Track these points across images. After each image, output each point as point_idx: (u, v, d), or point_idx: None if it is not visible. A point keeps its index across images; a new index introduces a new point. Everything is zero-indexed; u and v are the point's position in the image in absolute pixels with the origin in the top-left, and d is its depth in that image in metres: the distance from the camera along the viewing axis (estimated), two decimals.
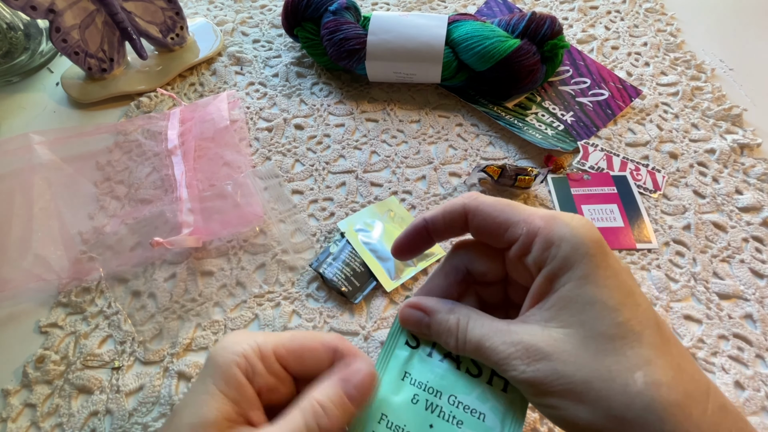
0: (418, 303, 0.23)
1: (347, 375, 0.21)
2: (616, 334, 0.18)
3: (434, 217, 0.23)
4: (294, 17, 0.47)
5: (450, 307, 0.22)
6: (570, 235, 0.19)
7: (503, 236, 0.21)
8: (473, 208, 0.22)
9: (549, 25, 0.42)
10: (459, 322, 0.21)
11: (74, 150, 0.42)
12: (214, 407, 0.19)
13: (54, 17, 0.40)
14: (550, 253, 0.20)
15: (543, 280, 0.20)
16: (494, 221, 0.22)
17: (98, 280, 0.35)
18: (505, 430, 0.20)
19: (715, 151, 0.42)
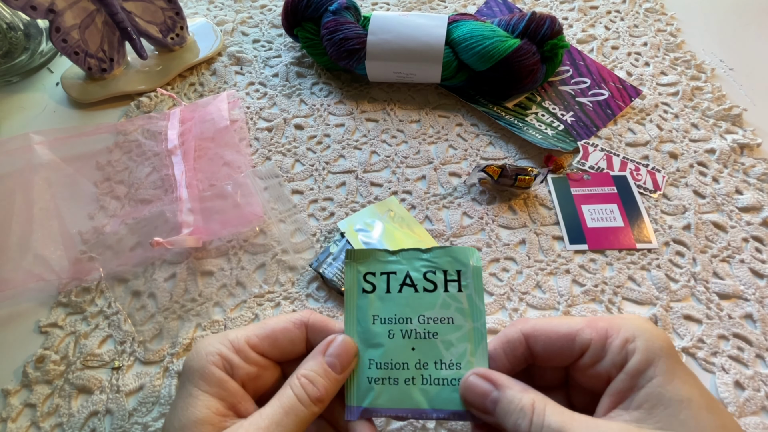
0: (488, 374, 0.22)
1: (324, 347, 0.22)
2: (711, 428, 0.18)
3: (494, 352, 0.23)
4: (294, 17, 0.47)
5: (524, 387, 0.21)
6: (641, 330, 0.20)
7: (573, 348, 0.21)
8: (530, 330, 0.22)
9: (549, 25, 0.42)
10: (535, 403, 0.20)
11: (74, 150, 0.42)
12: (201, 406, 0.20)
13: (54, 17, 0.40)
14: (628, 350, 0.20)
15: (626, 377, 0.20)
16: (557, 334, 0.21)
17: (98, 280, 0.35)
18: (473, 320, 0.23)
19: (715, 151, 0.42)
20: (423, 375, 0.22)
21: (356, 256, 0.25)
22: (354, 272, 0.24)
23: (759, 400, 0.29)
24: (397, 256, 0.24)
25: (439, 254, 0.24)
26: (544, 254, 0.36)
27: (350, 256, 0.25)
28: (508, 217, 0.38)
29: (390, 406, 0.22)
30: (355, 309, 0.24)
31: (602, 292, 0.34)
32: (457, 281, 0.23)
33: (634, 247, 0.36)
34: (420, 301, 0.23)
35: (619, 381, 0.20)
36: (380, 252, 0.25)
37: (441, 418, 0.22)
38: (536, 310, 0.33)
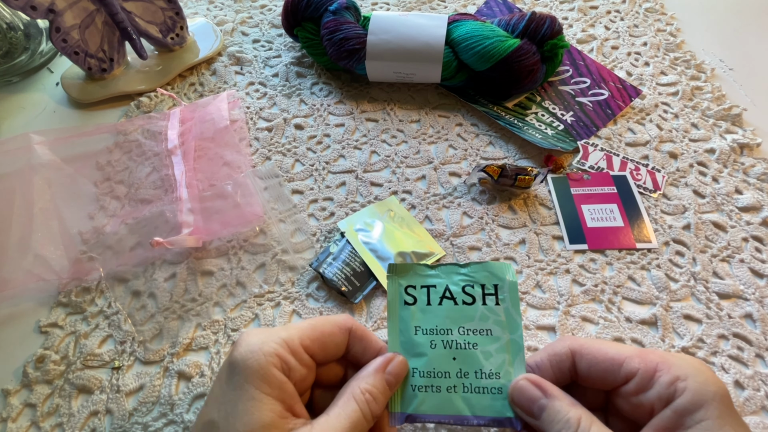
0: (539, 381, 0.22)
1: (384, 364, 0.23)
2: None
3: (540, 362, 0.23)
4: (294, 17, 0.47)
5: (573, 401, 0.22)
6: (696, 372, 0.20)
7: (618, 373, 0.21)
8: (578, 347, 0.23)
9: (549, 24, 0.42)
10: (582, 419, 0.20)
11: (74, 150, 0.42)
12: (266, 410, 0.20)
13: (54, 17, 0.40)
14: (679, 387, 0.20)
15: (672, 414, 0.20)
16: (605, 356, 0.22)
17: (98, 280, 0.35)
18: (510, 332, 0.24)
19: (714, 151, 0.42)
20: (464, 383, 0.24)
21: (398, 270, 0.26)
22: (396, 285, 0.26)
23: (759, 399, 0.29)
24: (436, 270, 0.26)
25: (476, 269, 0.26)
26: (544, 254, 0.36)
27: (392, 270, 0.26)
28: (508, 217, 0.38)
29: (433, 412, 0.23)
30: (398, 320, 0.25)
31: (602, 291, 0.34)
32: (494, 295, 0.25)
33: (634, 246, 0.36)
34: (459, 313, 0.25)
35: (665, 417, 0.20)
36: (420, 266, 0.26)
37: (481, 424, 0.23)
38: (536, 310, 0.33)
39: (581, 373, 0.23)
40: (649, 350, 0.22)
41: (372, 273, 0.34)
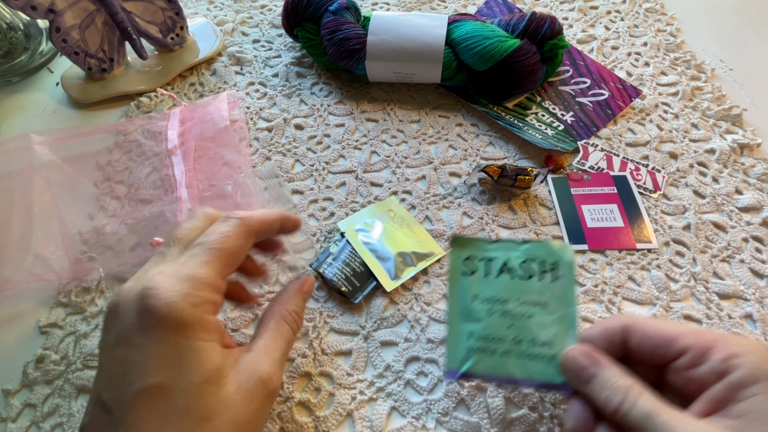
0: (592, 352, 0.23)
1: (300, 285, 0.27)
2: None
3: (591, 335, 0.24)
4: (294, 17, 0.47)
5: (624, 371, 0.22)
6: (754, 350, 0.20)
7: (671, 348, 0.22)
8: (632, 324, 0.23)
9: (549, 25, 0.42)
10: (632, 387, 0.21)
11: (74, 150, 0.42)
12: (214, 355, 0.21)
13: (54, 17, 0.40)
14: (733, 363, 0.20)
15: (725, 387, 0.20)
16: (659, 335, 0.23)
17: (98, 280, 0.35)
18: (564, 307, 0.26)
19: (715, 151, 0.42)
20: (518, 349, 0.26)
21: (460, 242, 0.29)
22: (457, 256, 0.28)
23: None
24: (495, 244, 0.28)
25: (536, 247, 0.28)
26: None
27: (456, 242, 0.29)
28: (508, 217, 0.38)
29: (486, 372, 0.26)
30: (457, 288, 0.28)
31: (602, 292, 0.34)
32: (551, 272, 0.27)
33: (634, 247, 0.36)
34: (517, 286, 0.27)
35: (717, 389, 0.20)
36: (481, 240, 0.29)
37: (531, 386, 0.25)
38: None
39: (633, 348, 0.23)
40: (705, 329, 0.22)
41: (372, 273, 0.34)
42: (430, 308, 0.33)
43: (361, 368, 0.31)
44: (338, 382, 0.30)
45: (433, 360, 0.31)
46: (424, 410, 0.29)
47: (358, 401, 0.29)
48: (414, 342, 0.32)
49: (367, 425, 0.29)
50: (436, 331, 0.32)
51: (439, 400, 0.29)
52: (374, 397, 0.30)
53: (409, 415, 0.29)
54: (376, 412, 0.29)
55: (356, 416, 0.29)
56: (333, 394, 0.30)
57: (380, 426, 0.29)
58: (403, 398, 0.30)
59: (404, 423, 0.29)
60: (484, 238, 0.29)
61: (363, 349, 0.32)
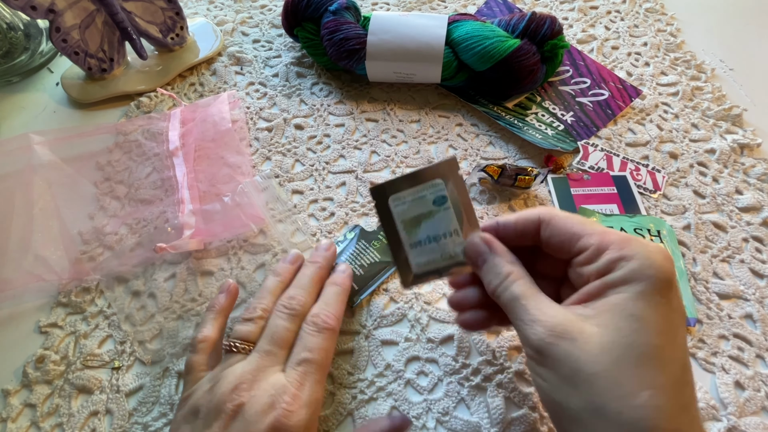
0: (490, 240, 0.25)
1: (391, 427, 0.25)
2: (646, 353, 0.19)
3: (507, 221, 0.25)
4: (294, 17, 0.47)
5: (513, 260, 0.24)
6: (645, 256, 0.21)
7: (573, 245, 0.23)
8: (548, 217, 0.24)
9: (549, 25, 0.42)
10: (512, 274, 0.23)
11: (74, 150, 0.42)
12: None
13: (54, 17, 0.40)
14: (618, 265, 0.21)
15: (600, 284, 0.21)
16: (568, 231, 0.23)
17: (98, 280, 0.35)
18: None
19: (715, 151, 0.42)
20: None
21: (585, 213, 0.37)
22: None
23: (759, 400, 0.29)
24: (611, 218, 0.36)
25: (643, 219, 0.36)
26: None
27: (581, 213, 0.36)
28: None
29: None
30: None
31: None
32: (658, 236, 0.35)
33: None
34: None
35: (593, 285, 0.22)
36: (599, 213, 0.37)
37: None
38: None
39: (543, 240, 0.24)
40: (614, 231, 0.22)
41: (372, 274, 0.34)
42: (431, 308, 0.33)
43: (361, 368, 0.31)
44: (339, 381, 0.30)
45: (433, 360, 0.31)
46: (425, 410, 0.29)
47: (359, 401, 0.29)
48: (414, 341, 0.32)
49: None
50: (436, 331, 0.32)
51: (439, 400, 0.29)
52: (374, 397, 0.30)
53: (410, 415, 0.29)
54: (377, 412, 0.29)
55: (357, 416, 0.29)
56: (334, 394, 0.30)
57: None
58: (404, 398, 0.30)
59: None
60: (600, 212, 0.37)
61: (364, 348, 0.32)
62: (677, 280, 0.22)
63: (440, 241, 0.27)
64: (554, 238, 0.24)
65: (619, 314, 0.20)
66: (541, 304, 0.22)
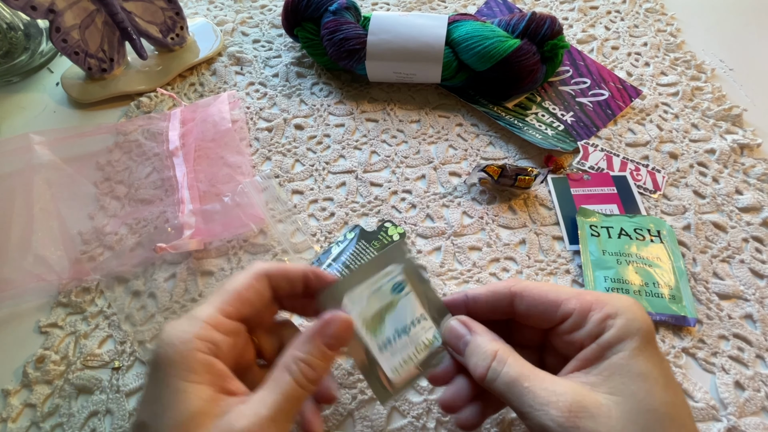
0: (467, 321, 0.24)
1: (321, 327, 0.22)
2: (665, 414, 0.19)
3: (476, 295, 0.25)
4: (294, 17, 0.47)
5: (494, 337, 0.23)
6: (626, 310, 0.21)
7: (555, 314, 0.22)
8: (519, 290, 0.23)
9: (549, 25, 0.42)
10: (499, 352, 0.22)
11: (74, 150, 0.42)
12: (193, 399, 0.18)
13: (54, 17, 0.40)
14: (608, 324, 0.21)
15: (597, 347, 0.21)
16: (545, 300, 0.23)
17: (98, 280, 0.35)
18: (674, 260, 0.34)
19: (715, 151, 0.42)
20: (647, 290, 0.33)
21: (585, 213, 0.37)
22: (584, 224, 0.36)
23: (759, 400, 0.29)
24: (610, 217, 0.37)
25: (642, 219, 0.37)
26: (544, 254, 0.36)
27: (581, 213, 0.37)
28: (508, 217, 0.38)
29: None
30: (587, 245, 0.35)
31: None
32: (658, 236, 0.35)
33: None
34: (635, 244, 0.35)
35: (590, 350, 0.21)
36: (598, 213, 0.37)
37: (661, 320, 0.32)
38: None
39: (520, 313, 0.24)
40: (586, 291, 0.23)
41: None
42: None
43: None
44: (339, 381, 0.30)
45: None
46: (425, 410, 0.29)
47: (359, 401, 0.29)
48: None
49: (368, 425, 0.29)
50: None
51: None
52: (375, 397, 0.30)
53: (410, 415, 0.29)
54: (377, 412, 0.29)
55: (357, 416, 0.29)
56: None
57: (381, 426, 0.29)
58: (404, 398, 0.30)
59: (405, 423, 0.29)
60: (602, 213, 0.37)
61: None
62: None
63: (410, 332, 0.25)
64: (531, 309, 0.23)
65: (627, 376, 0.19)
66: (545, 383, 0.20)
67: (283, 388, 0.20)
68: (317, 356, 0.21)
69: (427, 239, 0.37)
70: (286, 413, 0.20)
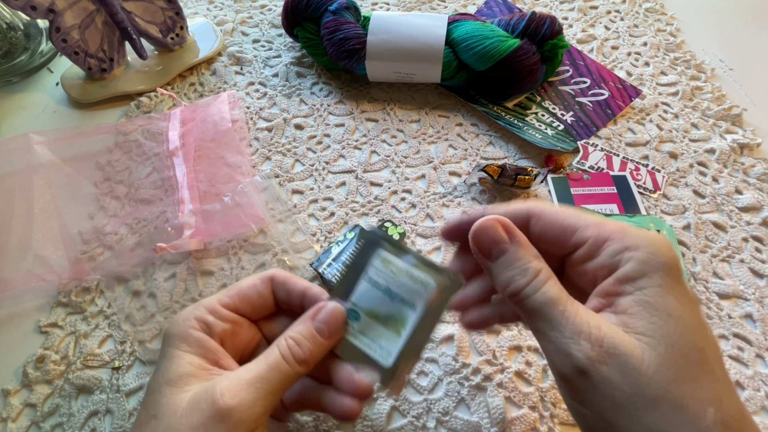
0: (511, 227, 0.21)
1: (314, 312, 0.23)
2: (697, 360, 0.18)
3: (496, 211, 0.23)
4: (294, 17, 0.47)
5: (537, 254, 0.21)
6: (648, 243, 0.19)
7: (569, 239, 0.21)
8: (538, 211, 0.22)
9: (549, 24, 0.42)
10: (542, 271, 0.20)
11: (74, 150, 0.42)
12: (184, 363, 0.21)
13: (54, 17, 0.40)
14: (624, 257, 0.19)
15: (614, 281, 0.19)
16: (561, 224, 0.21)
17: (98, 280, 0.35)
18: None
19: (715, 151, 0.42)
20: None
21: None
22: None
23: (759, 400, 0.29)
24: (611, 218, 0.32)
25: (642, 218, 0.36)
26: None
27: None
28: None
29: None
30: None
31: None
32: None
33: None
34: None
35: (607, 283, 0.20)
36: (599, 213, 0.35)
37: None
38: None
39: (535, 235, 0.22)
40: (610, 221, 0.21)
41: None
42: None
43: None
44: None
45: (433, 359, 0.31)
46: (425, 410, 0.29)
47: None
48: None
49: (368, 424, 0.29)
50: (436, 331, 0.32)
51: (440, 400, 0.29)
52: (374, 397, 0.30)
53: (410, 415, 0.29)
54: (377, 412, 0.29)
55: None
56: None
57: (381, 425, 0.29)
58: (404, 398, 0.30)
59: (405, 422, 0.29)
60: (598, 213, 0.35)
61: None
62: None
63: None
64: (547, 232, 0.22)
65: (658, 317, 0.18)
66: (581, 312, 0.19)
67: (268, 359, 0.21)
68: (306, 336, 0.22)
69: (427, 239, 0.37)
70: (267, 381, 0.21)
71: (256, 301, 0.24)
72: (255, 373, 0.21)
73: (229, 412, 0.19)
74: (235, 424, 0.19)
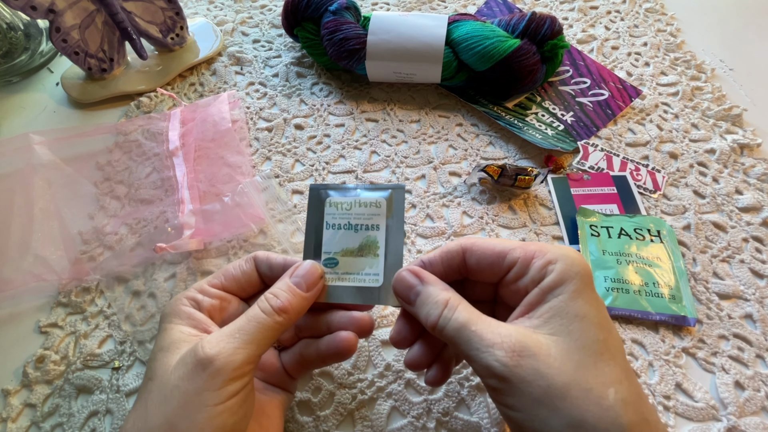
0: (419, 271, 0.24)
1: (291, 271, 0.25)
2: (597, 350, 0.20)
3: (432, 258, 0.25)
4: (294, 17, 0.47)
5: (445, 287, 0.24)
6: (565, 256, 0.22)
7: (502, 263, 0.23)
8: (470, 245, 0.24)
9: (549, 25, 0.42)
10: (450, 300, 0.22)
11: (74, 150, 0.42)
12: (175, 332, 0.23)
13: (54, 17, 0.40)
14: (547, 270, 0.22)
15: (538, 292, 0.22)
16: (492, 251, 0.24)
17: (98, 280, 0.35)
18: (674, 260, 0.34)
19: (715, 151, 0.42)
20: (647, 290, 0.33)
21: (585, 213, 0.37)
22: (584, 223, 0.36)
23: (759, 400, 0.29)
24: (610, 217, 0.37)
25: (643, 219, 0.37)
26: None
27: (581, 213, 0.37)
28: (508, 217, 0.38)
29: (625, 307, 0.32)
30: (587, 245, 0.35)
31: None
32: (658, 236, 0.36)
33: None
34: (635, 243, 0.35)
35: (533, 294, 0.22)
36: (599, 213, 0.37)
37: (661, 320, 0.32)
38: None
39: (471, 268, 0.24)
40: (530, 242, 0.23)
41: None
42: None
43: (361, 368, 0.31)
44: (339, 381, 0.30)
45: None
46: (425, 410, 0.29)
47: (359, 401, 0.29)
48: None
49: (368, 425, 0.29)
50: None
51: (440, 400, 0.29)
52: (374, 397, 0.30)
53: (410, 415, 0.29)
54: (377, 412, 0.29)
55: (357, 416, 0.29)
56: (334, 394, 0.30)
57: (381, 426, 0.29)
58: (404, 398, 0.30)
59: (405, 423, 0.29)
60: (602, 213, 0.37)
61: (364, 348, 0.32)
62: None
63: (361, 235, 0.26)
64: (482, 261, 0.24)
65: (566, 317, 0.21)
66: (491, 327, 0.21)
67: (248, 314, 0.23)
68: (283, 289, 0.24)
69: (427, 239, 0.37)
70: (246, 331, 0.22)
71: (241, 278, 0.26)
72: (235, 326, 0.22)
73: (210, 360, 0.21)
74: (217, 369, 0.21)
